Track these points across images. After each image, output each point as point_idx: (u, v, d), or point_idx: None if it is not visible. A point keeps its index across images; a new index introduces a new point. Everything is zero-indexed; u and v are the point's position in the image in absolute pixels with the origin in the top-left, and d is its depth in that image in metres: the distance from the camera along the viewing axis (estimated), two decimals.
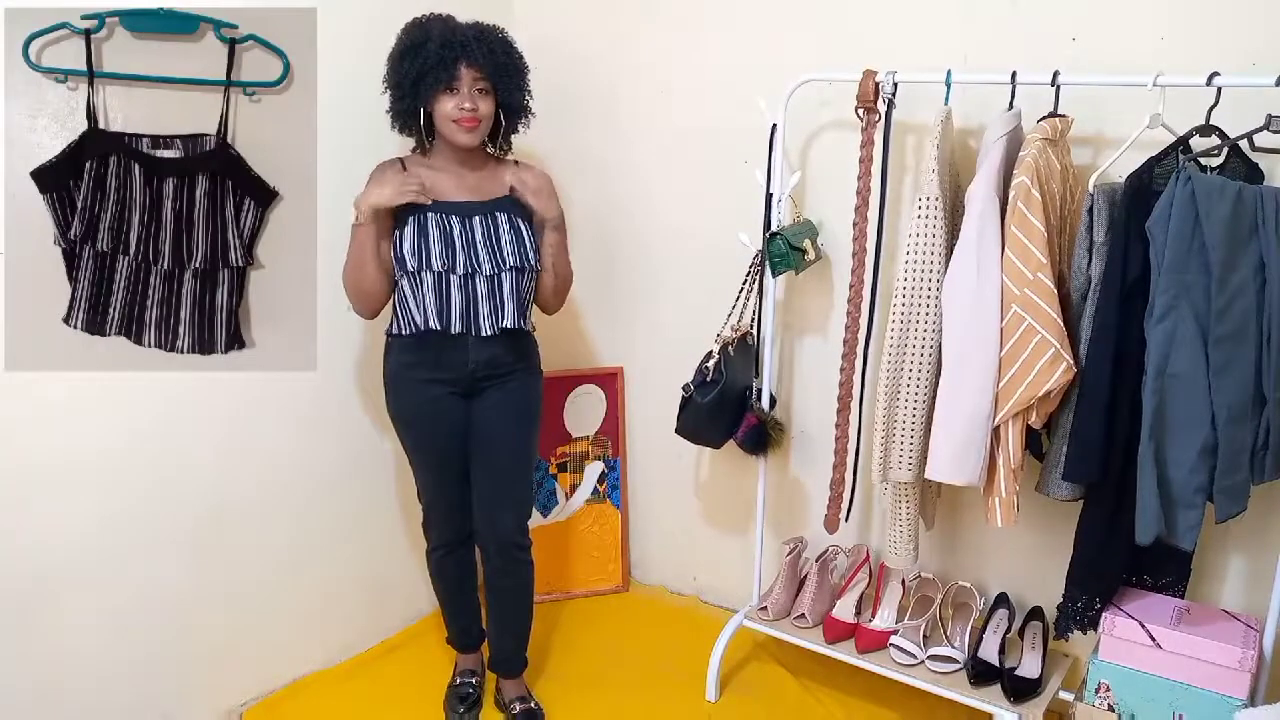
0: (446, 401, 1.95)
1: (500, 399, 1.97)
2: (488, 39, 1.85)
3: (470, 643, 2.23)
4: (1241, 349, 1.59)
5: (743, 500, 2.49)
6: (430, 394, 1.94)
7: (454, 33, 1.82)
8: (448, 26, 1.84)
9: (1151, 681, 1.77)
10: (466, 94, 1.83)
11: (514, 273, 1.90)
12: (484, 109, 1.85)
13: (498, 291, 1.89)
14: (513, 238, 1.90)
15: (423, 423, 1.98)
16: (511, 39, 1.91)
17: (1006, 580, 2.17)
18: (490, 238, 1.89)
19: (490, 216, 1.90)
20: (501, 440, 1.99)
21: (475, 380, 1.95)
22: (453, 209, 1.89)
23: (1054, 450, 1.78)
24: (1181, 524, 1.66)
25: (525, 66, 1.93)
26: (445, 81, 1.81)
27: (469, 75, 1.82)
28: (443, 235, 1.86)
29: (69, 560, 1.77)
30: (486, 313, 1.89)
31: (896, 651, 2.03)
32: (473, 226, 1.89)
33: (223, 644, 2.07)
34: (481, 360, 1.92)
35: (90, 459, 1.78)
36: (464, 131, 1.85)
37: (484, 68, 1.83)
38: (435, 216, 1.87)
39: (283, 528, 2.15)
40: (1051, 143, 1.70)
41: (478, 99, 1.84)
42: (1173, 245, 1.57)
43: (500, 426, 1.98)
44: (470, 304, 1.88)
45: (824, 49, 2.14)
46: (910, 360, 1.81)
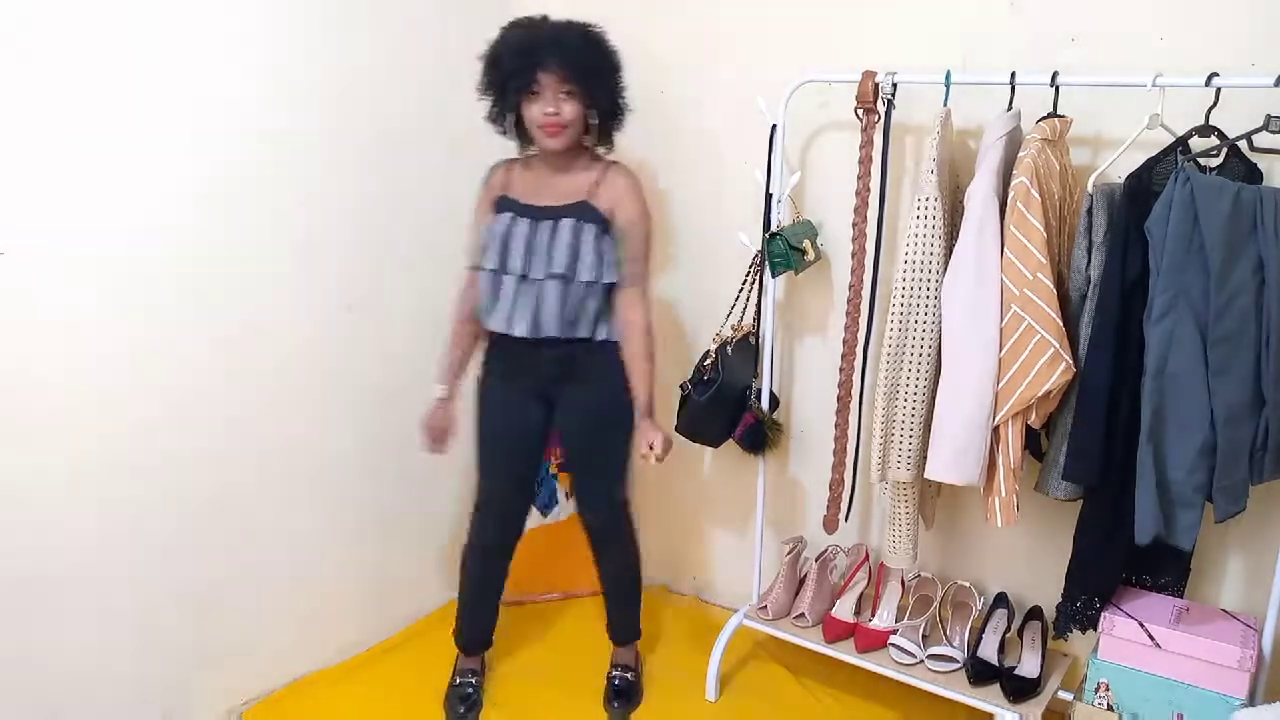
0: (520, 401, 2.00)
1: (572, 401, 2.00)
2: (567, 40, 1.83)
3: (473, 646, 2.24)
4: (1240, 349, 1.59)
5: (742, 499, 2.50)
6: (500, 389, 2.01)
7: (533, 38, 1.83)
8: (529, 31, 1.84)
9: (1151, 681, 1.77)
10: (549, 99, 1.83)
11: (560, 281, 1.89)
12: (568, 112, 1.84)
13: (542, 297, 1.90)
14: (568, 246, 1.89)
15: (488, 415, 2.04)
16: (600, 36, 1.89)
17: (1006, 580, 2.17)
18: (548, 244, 1.89)
19: (557, 221, 1.90)
20: (577, 442, 2.05)
21: (547, 380, 1.97)
22: (527, 212, 1.92)
23: (1053, 450, 1.78)
24: (1180, 524, 1.66)
25: (613, 64, 1.91)
26: (527, 87, 1.82)
27: (550, 80, 1.82)
28: (504, 237, 1.91)
29: (68, 559, 1.77)
30: (529, 316, 1.91)
31: (896, 651, 2.03)
32: (538, 231, 1.90)
33: (223, 644, 2.07)
34: (556, 364, 1.95)
35: (90, 457, 1.77)
36: (549, 137, 1.86)
37: (563, 71, 1.82)
38: (507, 218, 1.92)
39: (283, 527, 2.15)
40: (1050, 143, 1.71)
41: (561, 102, 1.83)
42: (1171, 245, 1.57)
43: (574, 429, 2.03)
44: (513, 305, 1.91)
45: (823, 50, 2.14)
46: (909, 360, 1.81)
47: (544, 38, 1.82)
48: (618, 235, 1.93)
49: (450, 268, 2.46)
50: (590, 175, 1.95)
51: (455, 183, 2.43)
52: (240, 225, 1.94)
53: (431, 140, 2.32)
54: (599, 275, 1.91)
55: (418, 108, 2.27)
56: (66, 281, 1.69)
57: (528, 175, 1.97)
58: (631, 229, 1.93)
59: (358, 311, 2.22)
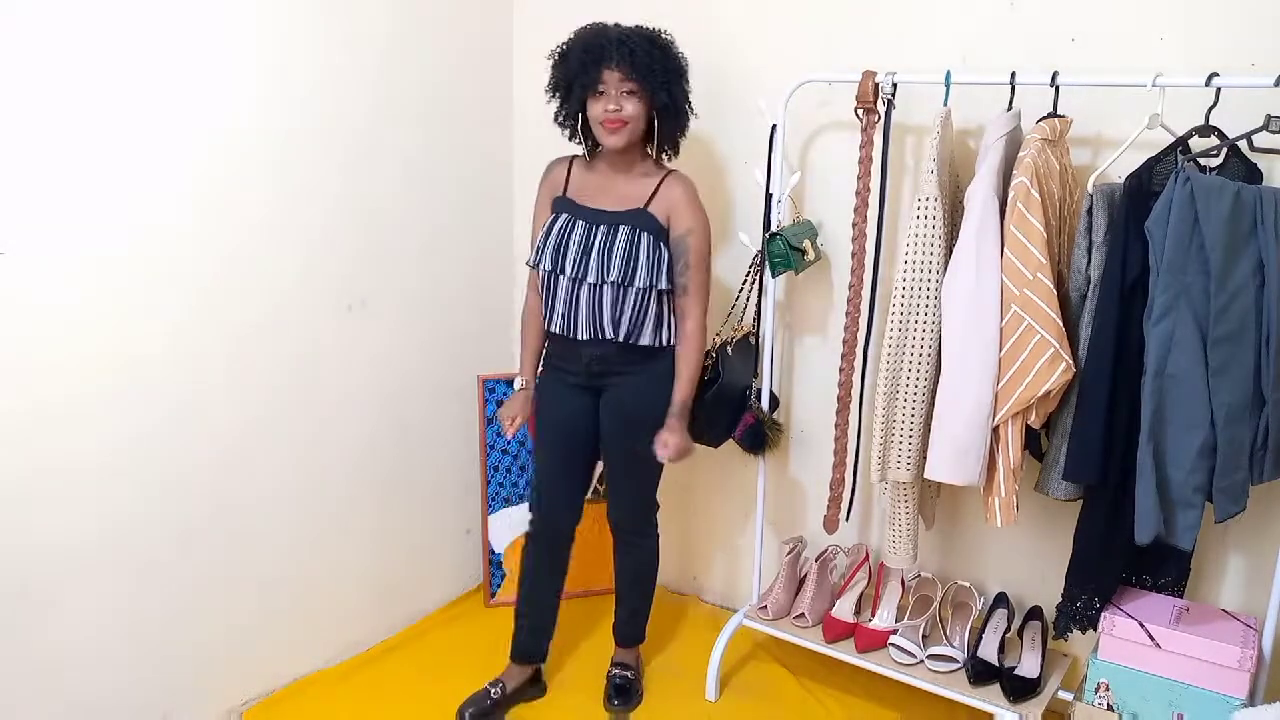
0: (571, 393, 2.04)
1: (613, 399, 2.03)
2: (633, 40, 1.86)
3: (523, 653, 2.19)
4: (1240, 349, 1.59)
5: (742, 500, 2.50)
6: (555, 381, 2.07)
7: (599, 36, 1.86)
8: (597, 31, 1.87)
9: (1151, 681, 1.77)
10: (612, 96, 1.85)
11: (616, 287, 1.91)
12: (630, 110, 1.86)
13: (599, 302, 1.92)
14: (626, 251, 1.90)
15: (544, 406, 2.10)
16: (668, 40, 1.92)
17: (1006, 580, 2.17)
18: (605, 248, 1.91)
19: (614, 227, 1.92)
20: (611, 440, 2.06)
21: (592, 376, 2.01)
22: (585, 215, 1.95)
23: (1053, 450, 1.78)
24: (1180, 524, 1.66)
25: (679, 67, 1.93)
26: (591, 85, 1.85)
27: (613, 77, 1.84)
28: (561, 239, 1.94)
29: (69, 559, 1.77)
30: (585, 320, 1.94)
31: (896, 651, 2.03)
32: (595, 234, 1.92)
33: (223, 644, 2.07)
34: (594, 358, 1.98)
35: (91, 457, 1.77)
36: (609, 133, 1.88)
37: (628, 69, 1.84)
38: (564, 219, 1.95)
39: (284, 527, 2.15)
40: (1051, 143, 1.71)
41: (623, 101, 1.85)
42: (1171, 245, 1.57)
43: (611, 427, 2.05)
44: (571, 308, 1.95)
45: (823, 49, 2.14)
46: (909, 360, 1.81)
47: (611, 38, 1.86)
48: (674, 243, 1.94)
49: (453, 268, 2.46)
50: (649, 182, 1.96)
51: (458, 182, 2.43)
52: (240, 226, 1.94)
53: (436, 139, 2.32)
54: (653, 282, 1.92)
55: (422, 107, 2.27)
56: (66, 281, 1.69)
57: (588, 176, 1.99)
58: (689, 237, 1.94)
59: (359, 312, 2.22)
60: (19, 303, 1.63)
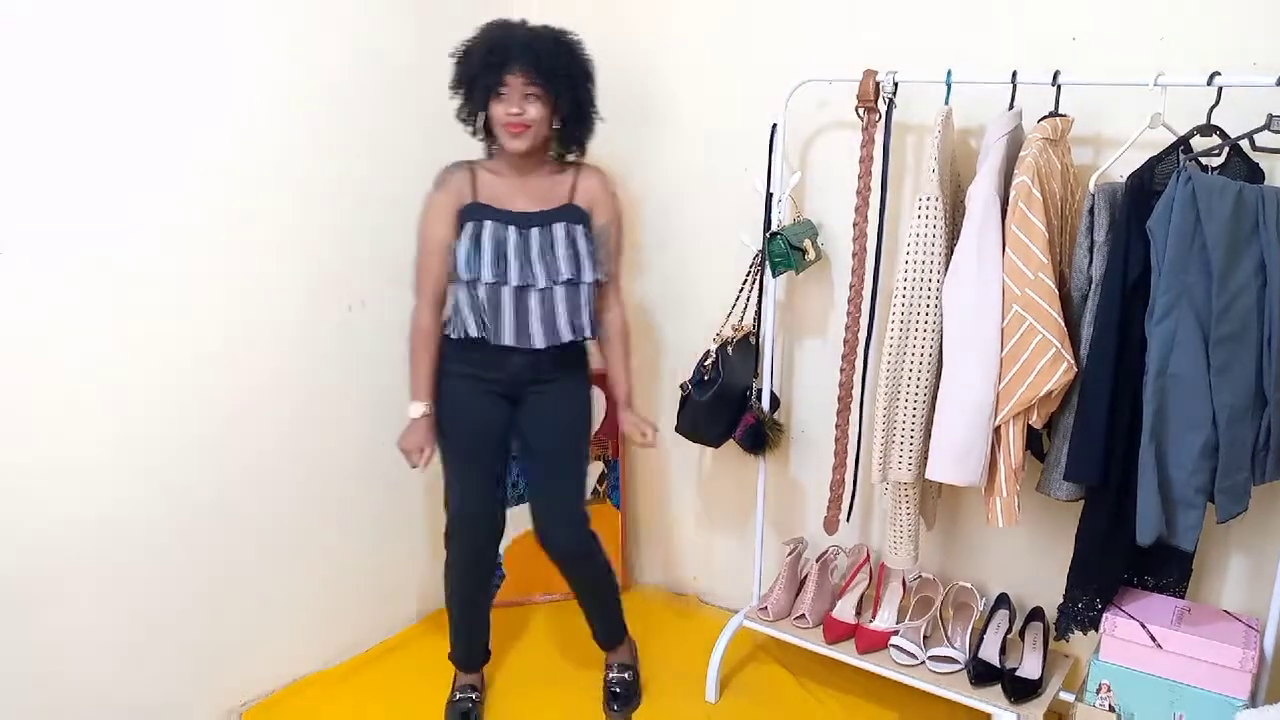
0: (487, 400, 1.97)
1: (548, 404, 1.98)
2: (538, 42, 1.83)
3: (473, 663, 2.20)
4: (1242, 349, 1.59)
5: (743, 500, 2.49)
6: (473, 391, 1.97)
7: (504, 37, 1.82)
8: (503, 31, 1.84)
9: (1152, 682, 1.77)
10: (515, 99, 1.82)
11: (567, 286, 1.90)
12: (533, 113, 1.83)
13: (551, 304, 1.90)
14: (568, 250, 1.90)
15: (461, 419, 1.98)
16: (573, 41, 1.89)
17: (1007, 581, 2.17)
18: (546, 250, 1.89)
19: (548, 228, 1.90)
20: (544, 443, 2.01)
21: (522, 385, 1.96)
22: (511, 219, 1.89)
23: (1055, 450, 1.78)
24: (1182, 524, 1.65)
25: (583, 70, 1.90)
26: (492, 87, 1.82)
27: (516, 80, 1.81)
28: (496, 246, 1.87)
29: (67, 560, 1.77)
30: (539, 327, 1.90)
31: (897, 652, 2.03)
32: (529, 238, 1.89)
33: (222, 644, 2.06)
34: (529, 367, 1.94)
35: (88, 456, 1.77)
36: (512, 137, 1.85)
37: (532, 72, 1.81)
38: (492, 226, 1.88)
39: (283, 527, 2.14)
40: (1052, 142, 1.70)
41: (526, 104, 1.82)
42: (1173, 245, 1.57)
43: (551, 433, 2.00)
44: (522, 317, 1.89)
45: (824, 49, 2.13)
46: (910, 360, 1.80)
47: (515, 39, 1.82)
48: (596, 235, 1.95)
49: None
50: (565, 177, 1.95)
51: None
52: (240, 227, 1.94)
53: (438, 142, 2.31)
54: (595, 276, 1.92)
55: (418, 107, 2.27)
56: (66, 281, 1.69)
57: (498, 180, 1.92)
58: (610, 227, 1.97)
59: (359, 312, 2.22)
60: (17, 302, 1.63)
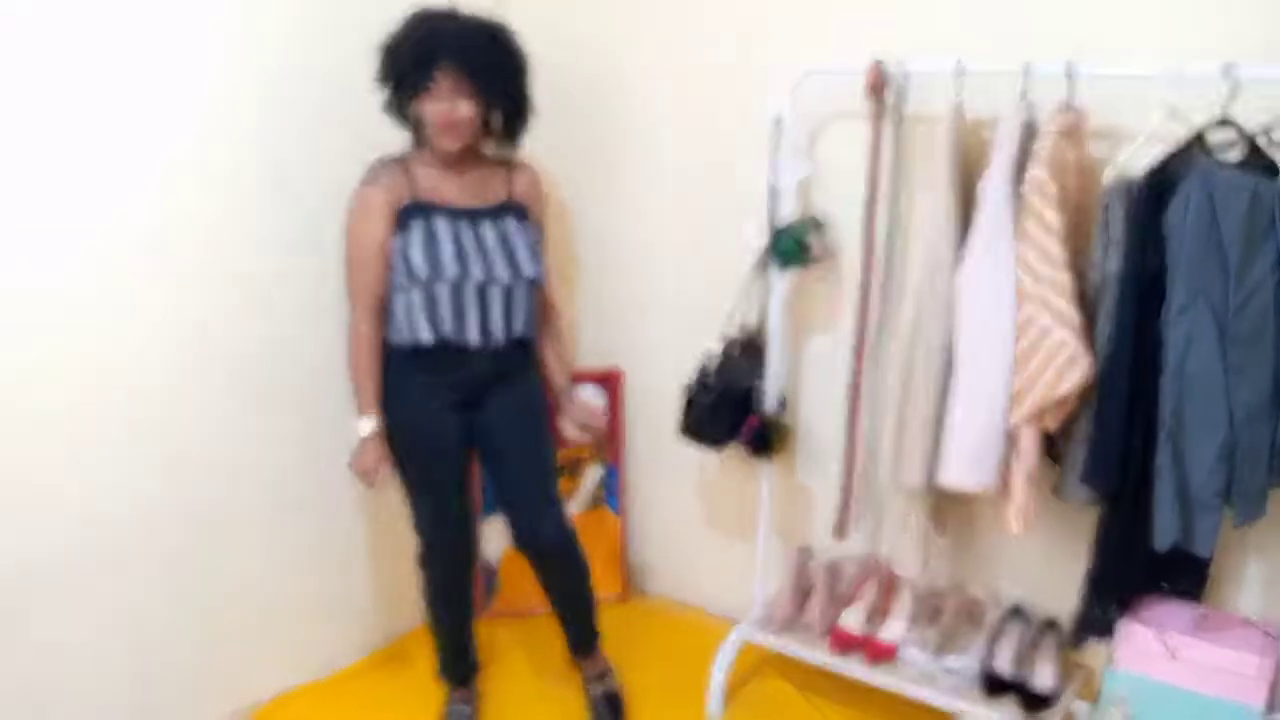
0: (445, 412, 1.91)
1: (510, 402, 1.95)
2: (470, 37, 1.76)
3: (464, 678, 2.16)
4: (1259, 348, 1.57)
5: (747, 506, 2.45)
6: (428, 403, 1.90)
7: (434, 33, 1.75)
8: (430, 25, 1.76)
9: (1168, 691, 1.73)
10: (445, 97, 1.75)
11: (527, 282, 1.89)
12: (464, 111, 1.77)
13: (512, 301, 1.87)
14: (526, 244, 1.89)
15: (418, 435, 1.91)
16: (507, 35, 1.83)
17: (1021, 588, 2.13)
18: (504, 246, 1.86)
19: (500, 222, 1.87)
20: (512, 441, 1.97)
21: (483, 386, 1.92)
22: (460, 215, 1.85)
23: (1071, 453, 1.75)
24: (1199, 528, 1.63)
25: (519, 65, 1.85)
26: (421, 84, 1.75)
27: (446, 78, 1.74)
28: (454, 243, 1.82)
29: (62, 567, 1.77)
30: (501, 324, 1.87)
31: (906, 663, 2.00)
32: (483, 234, 1.85)
33: (211, 656, 2.06)
34: (491, 367, 1.90)
35: (84, 462, 1.77)
36: (443, 135, 1.79)
37: (463, 69, 1.74)
38: (446, 222, 1.82)
39: (278, 538, 2.14)
40: (1067, 135, 1.68)
41: (457, 102, 1.76)
42: (1190, 243, 1.55)
43: (517, 429, 1.97)
44: (485, 314, 1.85)
45: (831, 40, 2.11)
46: (921, 359, 1.78)
47: (445, 34, 1.74)
48: (535, 229, 1.95)
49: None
50: (502, 171, 1.93)
51: None
52: (239, 227, 1.94)
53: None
54: (539, 271, 1.93)
55: None
56: (66, 281, 1.69)
57: (436, 175, 1.85)
58: (544, 223, 1.98)
59: None
60: (18, 302, 1.64)
